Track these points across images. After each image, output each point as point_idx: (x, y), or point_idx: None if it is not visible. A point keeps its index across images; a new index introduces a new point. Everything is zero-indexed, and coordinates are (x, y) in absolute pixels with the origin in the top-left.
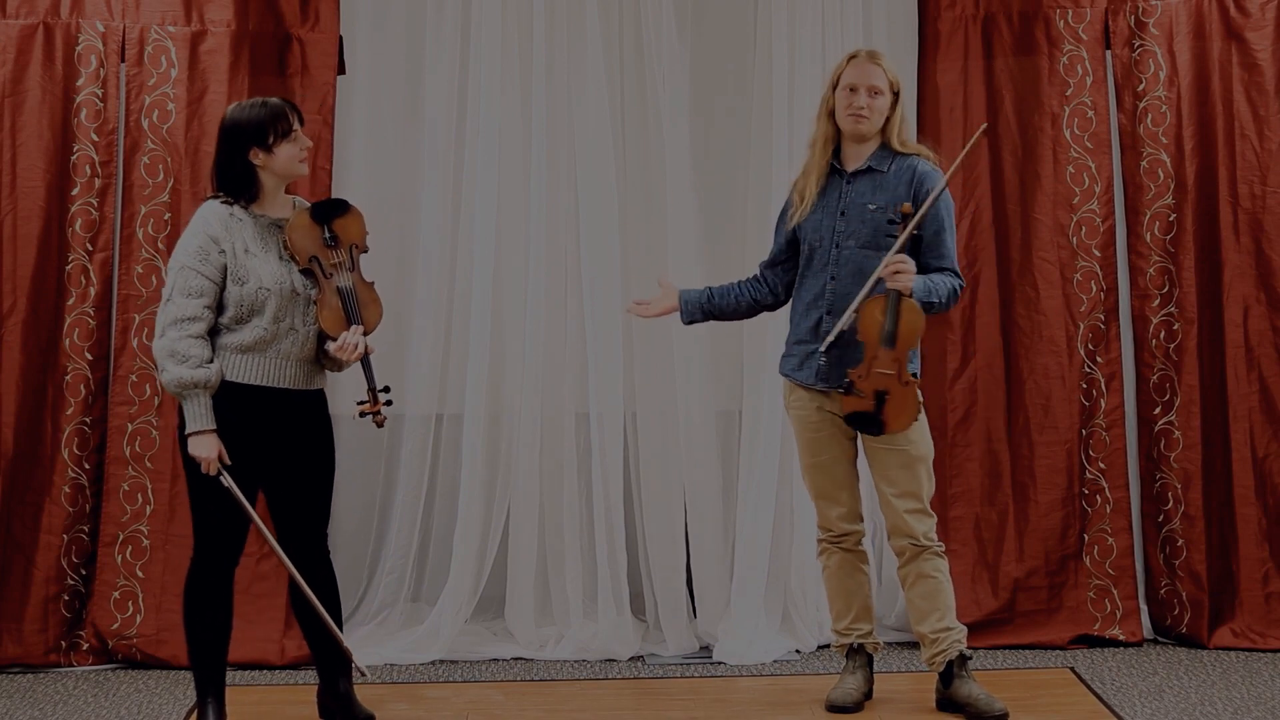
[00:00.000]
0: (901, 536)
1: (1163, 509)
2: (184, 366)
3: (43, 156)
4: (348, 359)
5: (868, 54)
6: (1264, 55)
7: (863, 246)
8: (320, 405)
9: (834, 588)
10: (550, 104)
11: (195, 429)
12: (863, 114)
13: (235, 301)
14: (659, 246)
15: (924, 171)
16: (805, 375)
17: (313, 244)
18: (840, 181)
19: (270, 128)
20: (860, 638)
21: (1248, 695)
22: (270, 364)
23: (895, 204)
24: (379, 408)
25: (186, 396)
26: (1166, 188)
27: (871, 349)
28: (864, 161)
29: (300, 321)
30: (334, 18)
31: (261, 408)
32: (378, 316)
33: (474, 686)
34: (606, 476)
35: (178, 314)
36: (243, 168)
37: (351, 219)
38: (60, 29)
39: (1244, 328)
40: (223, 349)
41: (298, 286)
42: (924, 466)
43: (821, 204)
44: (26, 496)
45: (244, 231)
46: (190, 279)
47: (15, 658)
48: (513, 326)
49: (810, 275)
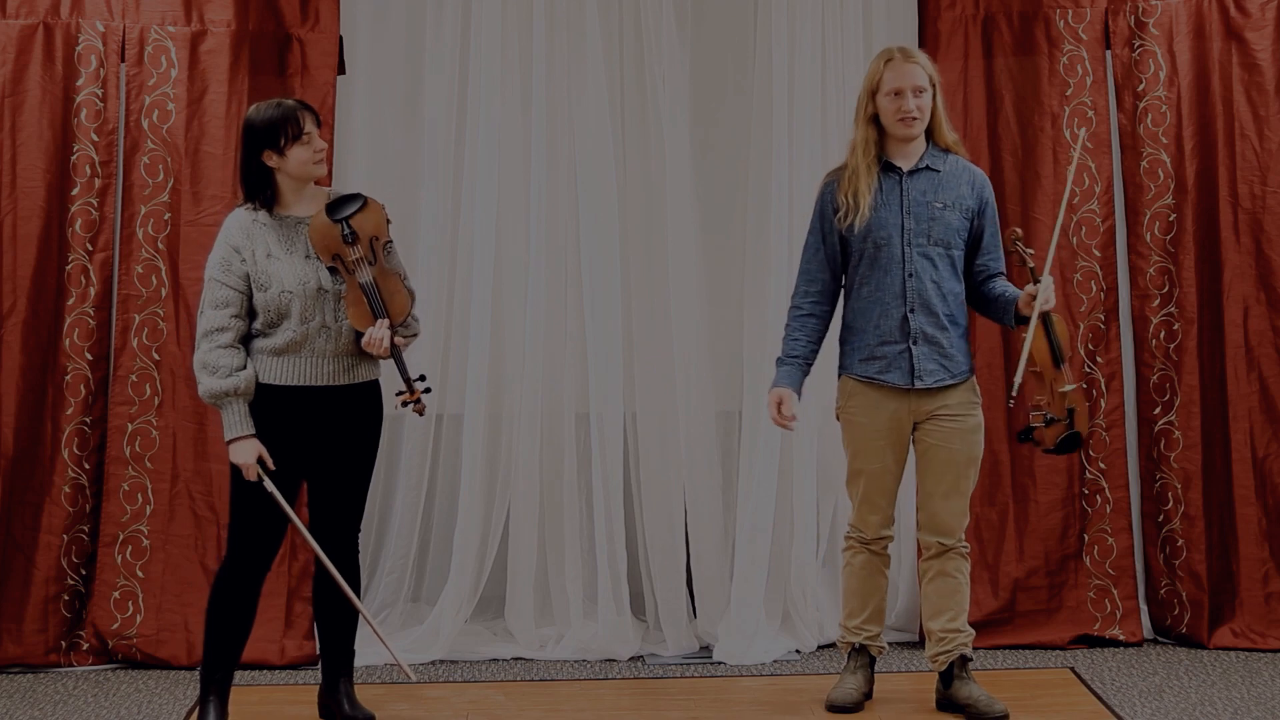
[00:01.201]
0: (935, 533)
1: (1163, 509)
2: (214, 378)
3: (43, 156)
4: (377, 354)
5: (902, 53)
6: (1264, 55)
7: (935, 244)
8: (369, 396)
9: (853, 586)
10: (550, 104)
11: (233, 436)
12: (913, 116)
13: (263, 307)
14: (659, 246)
15: (983, 178)
16: (897, 376)
17: (332, 242)
18: (897, 180)
19: (281, 130)
20: (867, 639)
21: (1248, 695)
22: (305, 364)
23: (960, 203)
24: (418, 395)
25: (221, 405)
26: (1166, 188)
27: (1049, 375)
28: (920, 160)
29: (332, 318)
30: (334, 18)
31: (302, 407)
32: (403, 306)
33: (474, 686)
34: (606, 476)
35: (207, 326)
36: (258, 170)
37: (369, 213)
38: (60, 29)
39: (1244, 328)
40: (258, 353)
41: (325, 284)
42: (975, 468)
43: (882, 202)
44: (26, 496)
45: (267, 236)
46: (216, 291)
47: (15, 658)
48: (513, 326)
49: (877, 274)
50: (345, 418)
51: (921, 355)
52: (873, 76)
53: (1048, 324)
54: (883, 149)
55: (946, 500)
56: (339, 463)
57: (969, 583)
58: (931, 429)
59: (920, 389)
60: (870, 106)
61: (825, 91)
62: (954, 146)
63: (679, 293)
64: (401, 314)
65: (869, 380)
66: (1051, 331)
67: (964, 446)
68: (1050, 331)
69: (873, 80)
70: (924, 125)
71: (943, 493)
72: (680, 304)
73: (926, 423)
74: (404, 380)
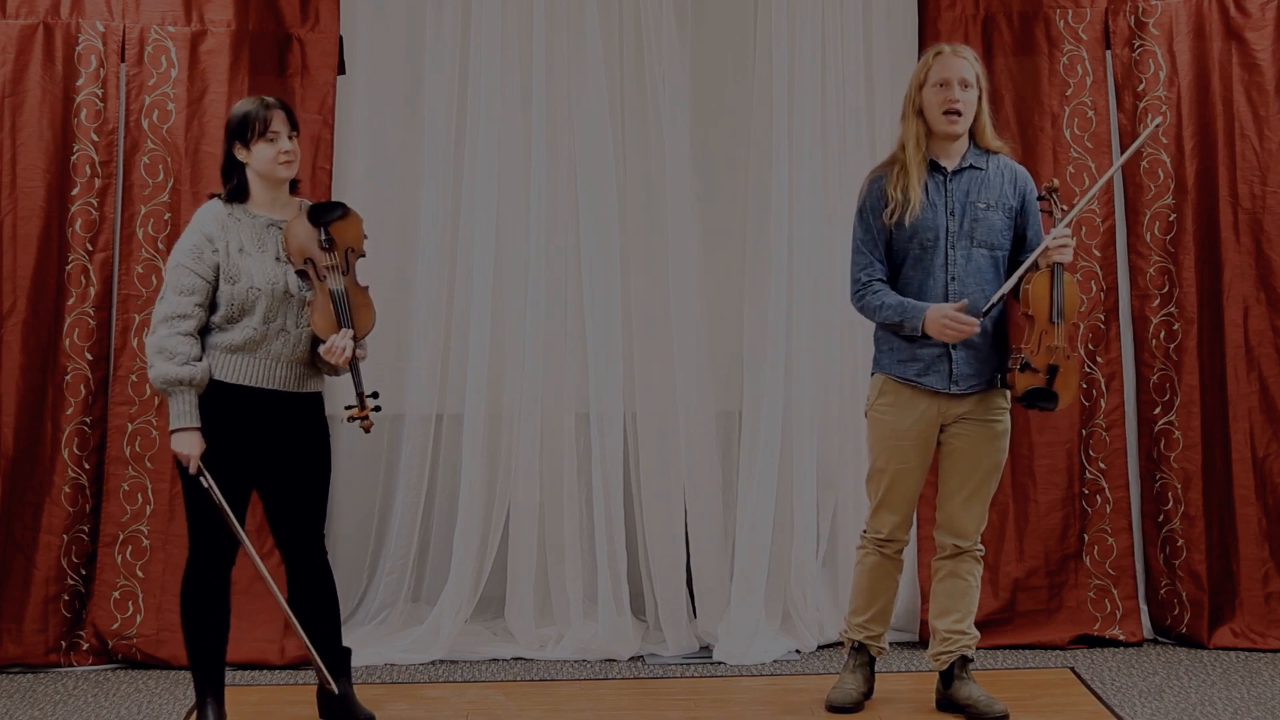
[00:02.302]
0: (952, 535)
1: (1163, 509)
2: (170, 363)
3: (43, 156)
4: (336, 362)
5: (951, 49)
6: (1264, 55)
7: (978, 246)
8: (315, 408)
9: (862, 584)
10: (550, 104)
11: (178, 426)
12: (957, 107)
13: (226, 300)
14: (659, 246)
15: (1025, 175)
16: (935, 380)
17: (308, 245)
18: (941, 179)
19: (249, 125)
20: (868, 638)
21: (1248, 695)
22: (260, 365)
23: (1003, 203)
24: (367, 413)
25: (171, 393)
26: (1166, 188)
27: (1041, 324)
28: (964, 159)
29: (292, 323)
30: (334, 18)
31: (251, 408)
32: (370, 321)
33: (474, 686)
34: (606, 476)
35: (169, 311)
36: (229, 162)
37: (349, 223)
38: (60, 29)
39: (1244, 328)
40: (213, 348)
41: (291, 288)
42: (998, 473)
43: (927, 203)
44: (26, 496)
45: (241, 231)
46: (183, 276)
47: (15, 658)
48: (513, 326)
49: (921, 274)
50: (292, 425)
51: (960, 360)
52: (921, 70)
53: (1057, 276)
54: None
55: (967, 504)
56: (291, 471)
57: (979, 586)
58: (958, 431)
59: (955, 393)
60: (917, 100)
61: (825, 91)
62: (999, 150)
63: (679, 293)
64: (366, 328)
65: (906, 381)
66: (1058, 284)
67: (990, 451)
68: (1056, 283)
69: (920, 74)
70: (968, 123)
71: (964, 496)
72: (680, 304)
73: (954, 425)
74: (357, 395)
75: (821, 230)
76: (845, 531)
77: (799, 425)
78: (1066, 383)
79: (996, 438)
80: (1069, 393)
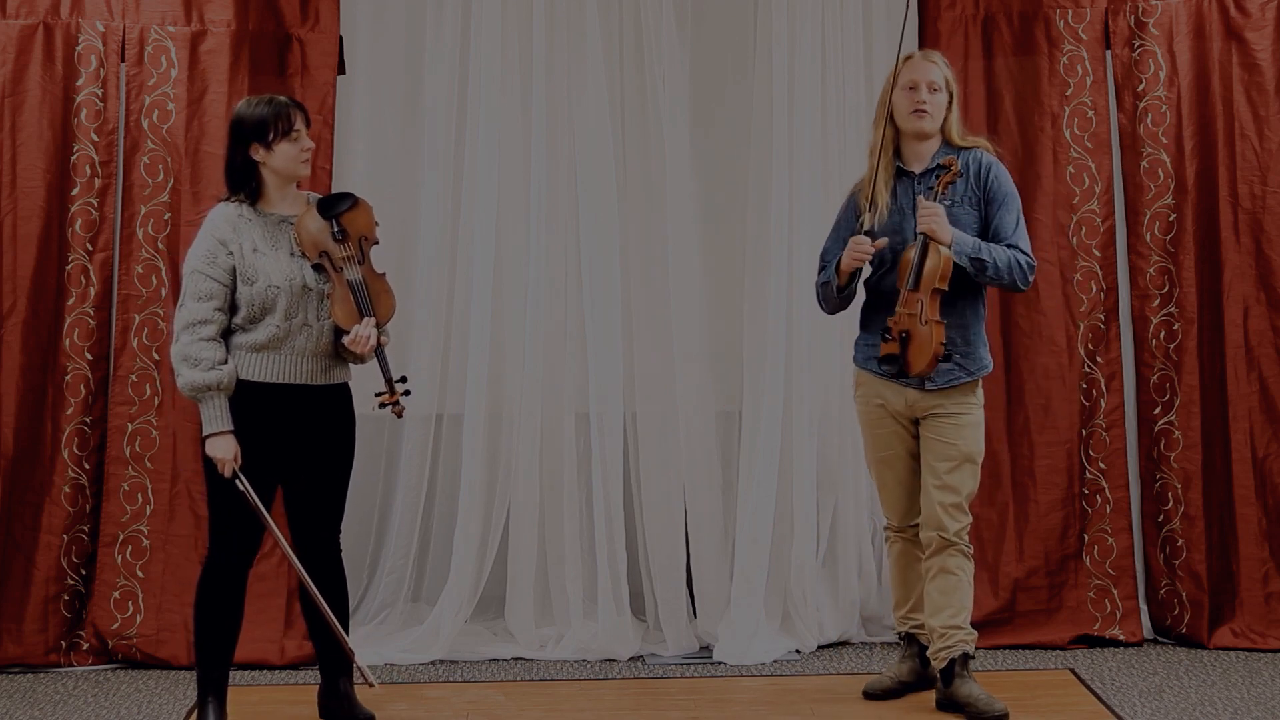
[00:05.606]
0: (932, 528)
1: (1163, 509)
2: (196, 370)
3: (43, 156)
4: (361, 351)
5: (922, 54)
6: (1264, 55)
7: None
8: (342, 399)
9: (895, 576)
10: (550, 104)
11: (211, 431)
12: (924, 108)
13: (246, 301)
14: (659, 246)
15: (989, 162)
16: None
17: (321, 239)
18: (910, 183)
19: (271, 125)
20: (914, 628)
21: (1248, 695)
22: (285, 361)
23: (968, 197)
24: (397, 397)
25: (202, 399)
26: (1166, 188)
27: (901, 292)
28: (930, 160)
29: (314, 317)
30: (334, 18)
31: (279, 405)
32: (390, 307)
33: (474, 686)
34: (606, 476)
35: (189, 318)
36: (244, 163)
37: (359, 212)
38: (60, 29)
39: (1244, 328)
40: (237, 349)
41: (309, 282)
42: (971, 465)
43: (894, 207)
44: (26, 496)
45: (252, 231)
46: (200, 283)
47: (15, 658)
48: (513, 327)
49: (893, 277)
50: (320, 418)
51: None
52: (891, 75)
53: (919, 246)
54: (899, 152)
55: (939, 492)
56: (316, 464)
57: (971, 582)
58: (929, 423)
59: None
60: (889, 105)
61: (825, 91)
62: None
63: (679, 293)
64: (388, 315)
65: (861, 368)
66: (923, 255)
67: (959, 440)
68: (921, 254)
69: (891, 78)
70: (936, 123)
71: (936, 485)
72: (680, 304)
73: (925, 419)
74: (385, 380)
75: (821, 230)
76: (845, 531)
77: (799, 425)
78: (919, 350)
79: (964, 428)
80: (921, 359)
